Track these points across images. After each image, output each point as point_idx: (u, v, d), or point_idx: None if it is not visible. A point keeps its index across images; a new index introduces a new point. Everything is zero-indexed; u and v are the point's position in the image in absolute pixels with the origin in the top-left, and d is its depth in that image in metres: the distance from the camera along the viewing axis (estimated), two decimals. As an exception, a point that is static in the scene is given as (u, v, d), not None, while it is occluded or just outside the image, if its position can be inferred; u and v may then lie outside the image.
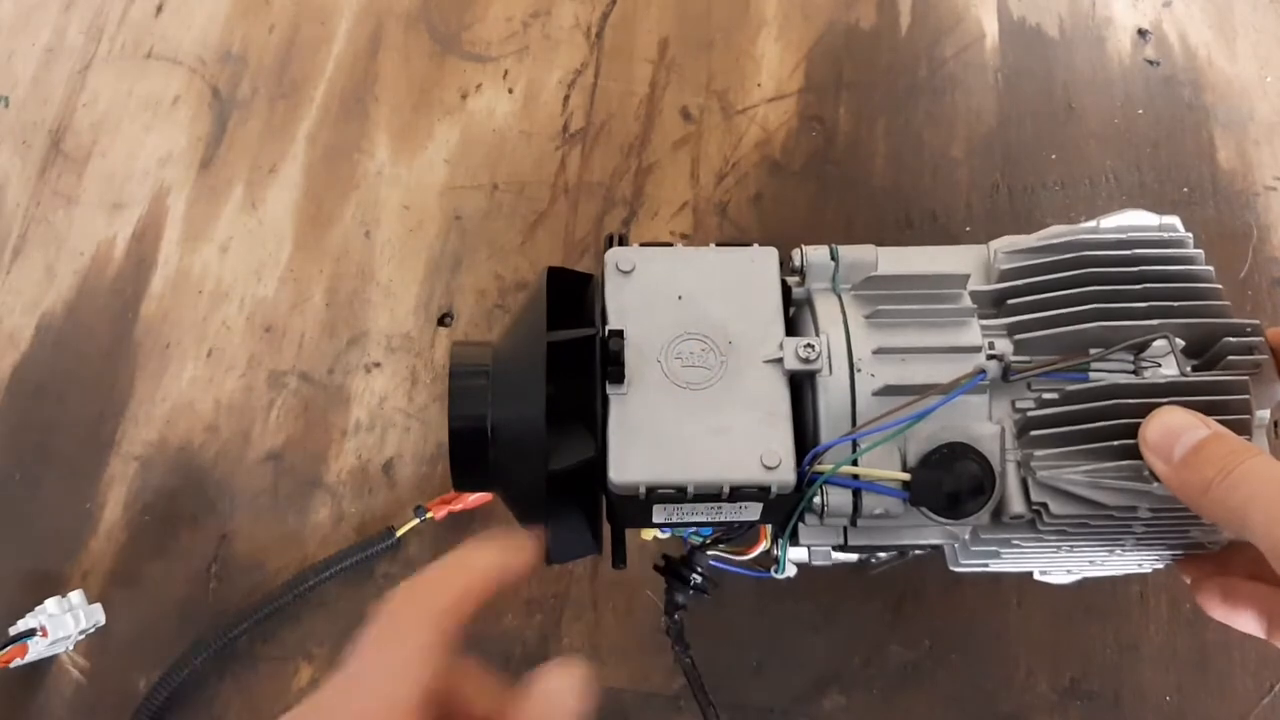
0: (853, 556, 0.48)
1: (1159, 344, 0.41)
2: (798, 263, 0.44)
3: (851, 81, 0.76)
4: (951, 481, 0.40)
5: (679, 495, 0.38)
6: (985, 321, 0.43)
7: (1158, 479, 0.38)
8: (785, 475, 0.38)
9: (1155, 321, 0.41)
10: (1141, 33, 0.78)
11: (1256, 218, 0.68)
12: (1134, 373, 0.41)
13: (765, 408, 0.39)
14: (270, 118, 0.76)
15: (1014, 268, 0.44)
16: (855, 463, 0.40)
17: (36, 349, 0.68)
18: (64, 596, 0.56)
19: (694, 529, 0.47)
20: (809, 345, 0.40)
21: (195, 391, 0.67)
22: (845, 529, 0.42)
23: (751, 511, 0.40)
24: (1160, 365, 0.41)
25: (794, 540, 0.43)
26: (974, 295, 0.43)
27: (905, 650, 0.56)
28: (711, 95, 0.76)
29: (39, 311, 0.70)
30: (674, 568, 0.48)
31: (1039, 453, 0.40)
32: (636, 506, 0.40)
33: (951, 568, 0.45)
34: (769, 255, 0.43)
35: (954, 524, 0.41)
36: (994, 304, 0.44)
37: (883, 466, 0.40)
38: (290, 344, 0.68)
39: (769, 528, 0.46)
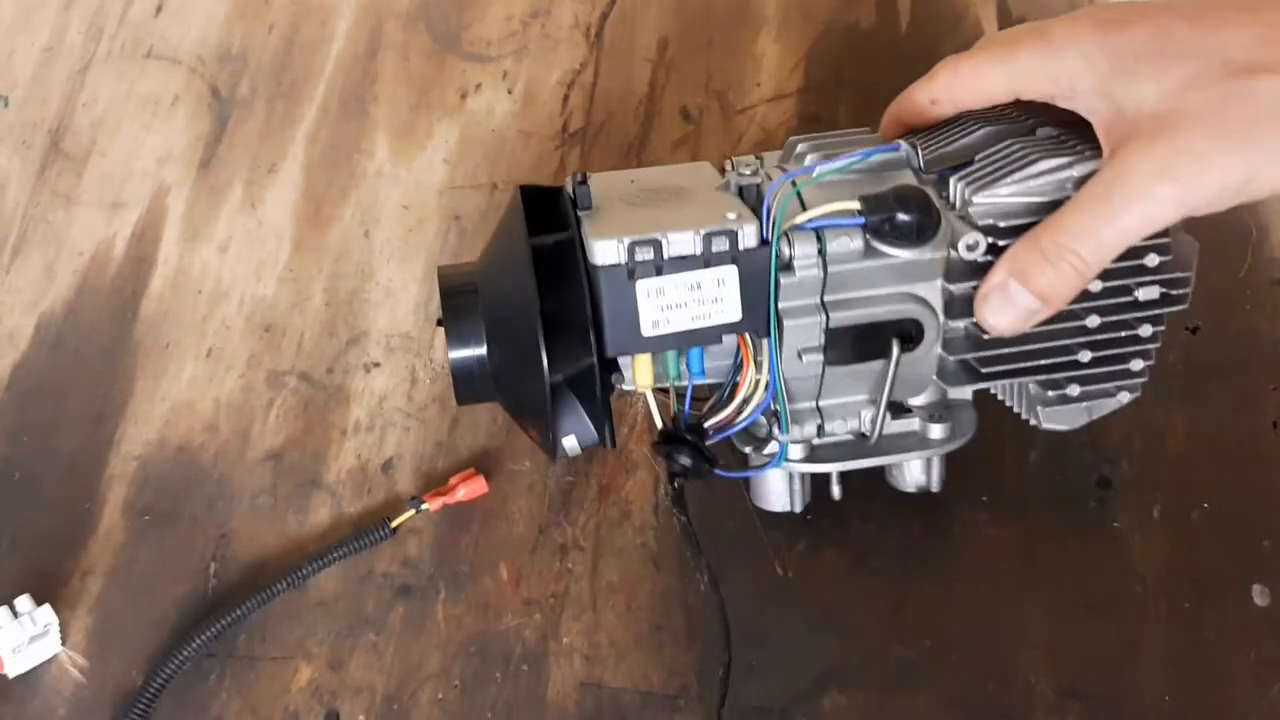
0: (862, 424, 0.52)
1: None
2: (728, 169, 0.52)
3: (851, 81, 0.76)
4: (900, 203, 0.45)
5: (658, 257, 0.45)
6: None
7: None
8: (749, 222, 0.45)
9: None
10: (1141, 32, 0.78)
11: (1256, 217, 0.68)
12: None
13: (721, 204, 0.48)
14: (269, 117, 0.76)
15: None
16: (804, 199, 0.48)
17: (35, 348, 0.68)
18: (9, 605, 0.55)
19: (684, 377, 0.51)
20: (750, 163, 0.50)
21: (194, 391, 0.67)
22: (824, 305, 0.47)
23: (730, 294, 0.45)
24: None
25: (780, 331, 0.47)
26: None
27: (905, 650, 0.56)
28: (711, 95, 0.76)
29: (38, 311, 0.70)
30: (671, 435, 0.52)
31: (970, 194, 0.47)
32: (622, 297, 0.45)
33: (951, 394, 0.52)
34: (705, 163, 0.53)
35: (914, 254, 0.46)
36: None
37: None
38: (290, 344, 0.68)
39: (762, 380, 0.49)
